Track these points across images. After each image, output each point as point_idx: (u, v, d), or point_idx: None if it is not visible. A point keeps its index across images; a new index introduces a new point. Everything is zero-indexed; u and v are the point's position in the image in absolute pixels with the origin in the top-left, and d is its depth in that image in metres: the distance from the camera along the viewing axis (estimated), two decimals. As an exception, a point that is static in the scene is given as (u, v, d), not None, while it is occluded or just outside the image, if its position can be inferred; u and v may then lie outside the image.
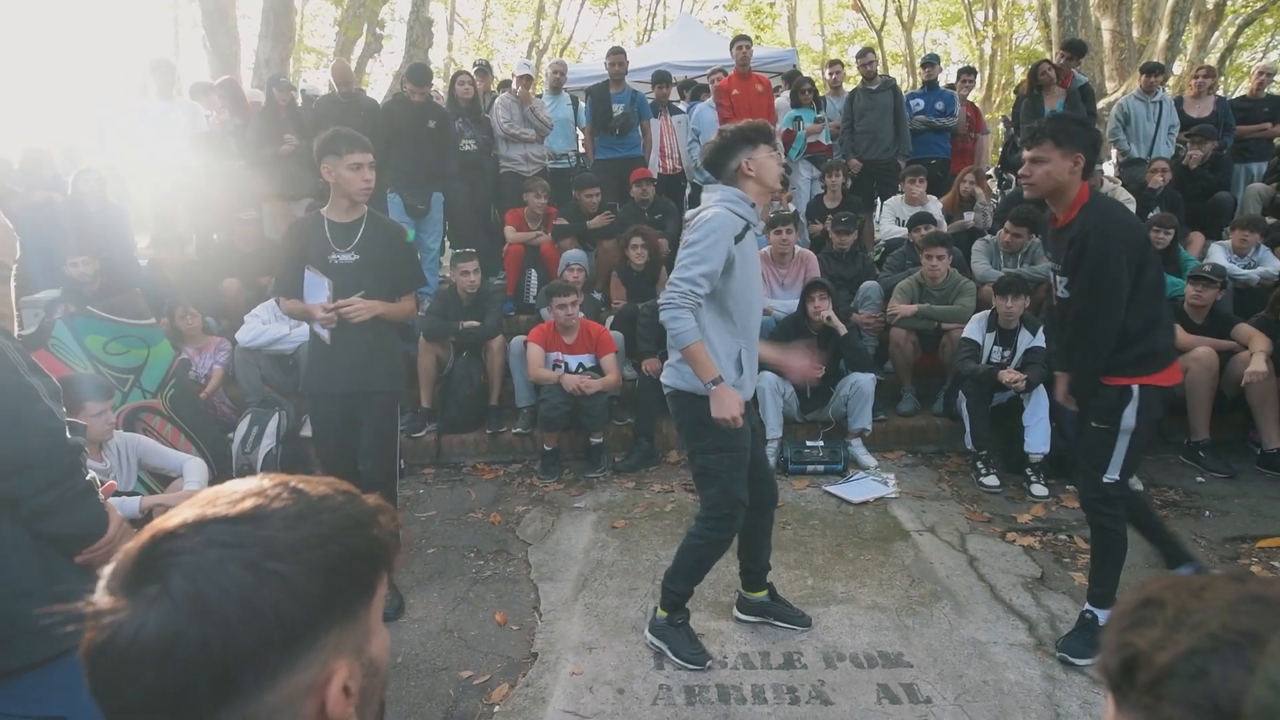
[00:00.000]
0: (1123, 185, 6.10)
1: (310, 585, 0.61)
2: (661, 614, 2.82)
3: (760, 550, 2.96)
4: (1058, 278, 2.72)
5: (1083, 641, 2.77)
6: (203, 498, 0.65)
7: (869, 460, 4.64)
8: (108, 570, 0.62)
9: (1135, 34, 13.07)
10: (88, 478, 1.41)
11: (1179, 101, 6.89)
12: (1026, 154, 2.59)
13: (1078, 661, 2.73)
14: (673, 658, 2.76)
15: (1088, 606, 2.83)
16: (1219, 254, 5.37)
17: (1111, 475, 2.65)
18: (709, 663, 2.75)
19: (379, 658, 0.70)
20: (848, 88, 7.36)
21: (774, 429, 4.63)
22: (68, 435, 1.37)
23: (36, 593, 1.37)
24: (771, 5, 24.13)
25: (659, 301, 2.57)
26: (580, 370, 4.70)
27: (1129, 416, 2.60)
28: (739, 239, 2.53)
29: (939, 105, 7.18)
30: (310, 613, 0.61)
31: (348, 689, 0.65)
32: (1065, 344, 2.80)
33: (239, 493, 0.65)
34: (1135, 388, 2.59)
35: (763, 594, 3.02)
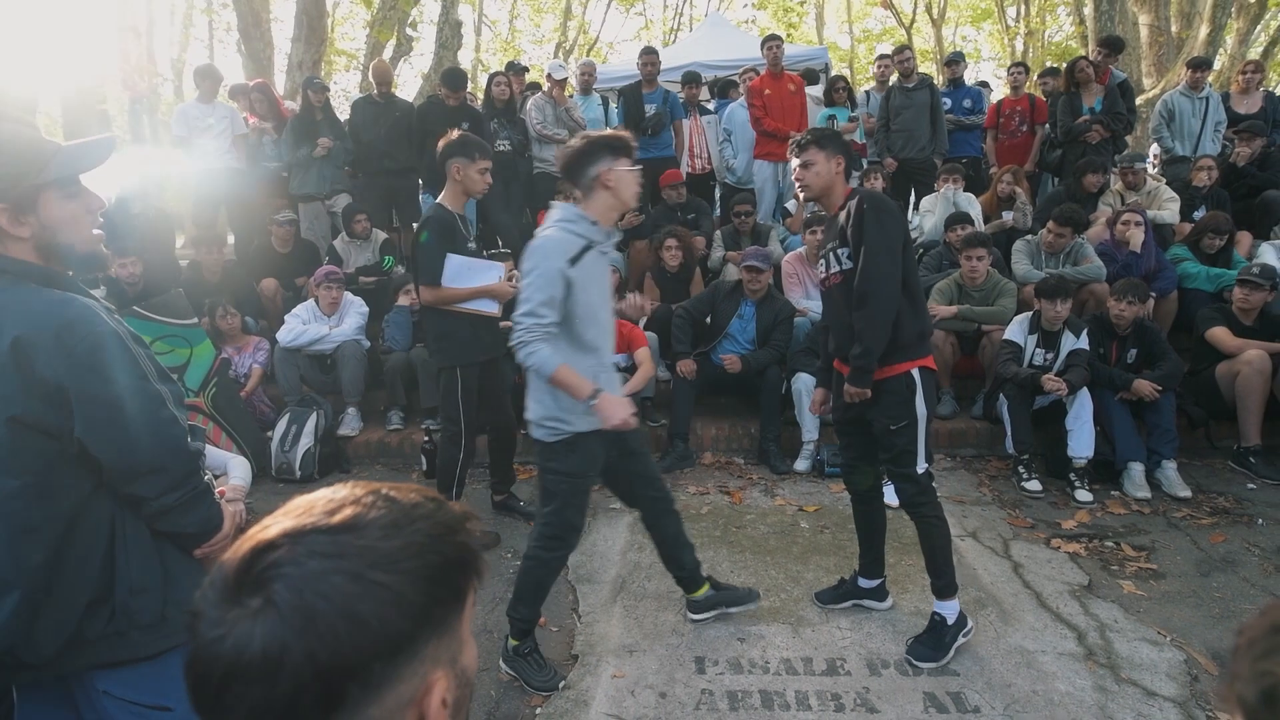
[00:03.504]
0: (1167, 184, 5.96)
1: (411, 595, 0.60)
2: (512, 643, 2.76)
3: (680, 554, 2.95)
4: (836, 250, 2.75)
5: (930, 645, 2.77)
6: (297, 506, 0.65)
7: (907, 463, 4.57)
8: (206, 581, 0.62)
9: (1174, 29, 12.79)
10: (205, 479, 1.50)
11: (1225, 97, 6.71)
12: (795, 160, 2.78)
13: (923, 665, 2.73)
14: (525, 686, 2.70)
15: (935, 606, 2.81)
16: (1269, 254, 5.23)
17: (921, 466, 2.72)
18: (562, 684, 2.69)
19: (470, 668, 0.70)
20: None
21: (810, 431, 4.59)
22: (189, 441, 1.45)
23: (152, 591, 1.44)
24: (801, 3, 23.98)
25: (510, 343, 2.51)
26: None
27: (919, 405, 2.70)
28: (575, 260, 2.44)
29: (966, 103, 7.09)
30: (412, 623, 0.60)
31: (445, 701, 0.64)
32: (848, 325, 2.74)
33: (335, 501, 0.64)
34: (916, 372, 2.69)
35: (705, 589, 3.01)
